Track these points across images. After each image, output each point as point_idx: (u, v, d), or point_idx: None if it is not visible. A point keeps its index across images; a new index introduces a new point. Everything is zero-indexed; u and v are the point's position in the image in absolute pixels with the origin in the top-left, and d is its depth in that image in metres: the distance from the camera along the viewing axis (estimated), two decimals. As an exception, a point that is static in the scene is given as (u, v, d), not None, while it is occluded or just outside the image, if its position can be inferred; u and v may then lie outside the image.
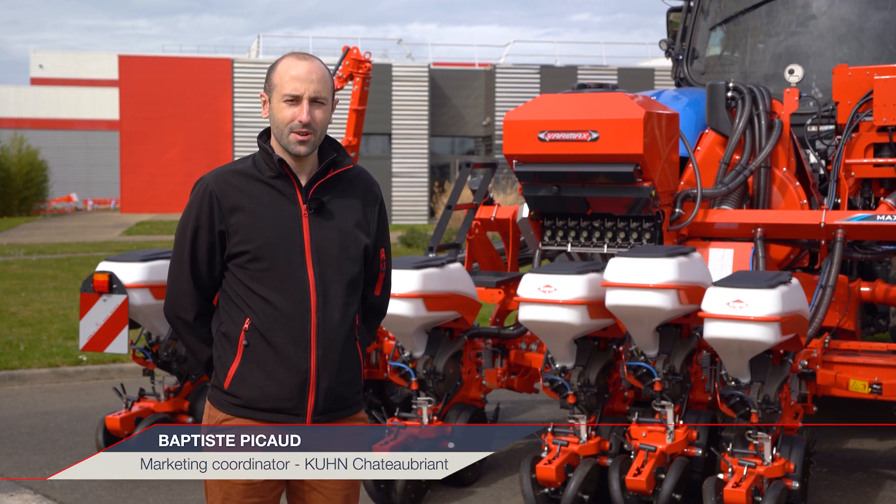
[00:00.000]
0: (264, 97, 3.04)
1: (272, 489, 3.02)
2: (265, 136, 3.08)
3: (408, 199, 36.90)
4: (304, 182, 3.04)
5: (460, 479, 6.00)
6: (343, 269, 3.03)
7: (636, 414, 5.43)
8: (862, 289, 6.85)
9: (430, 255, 6.50)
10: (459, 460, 6.01)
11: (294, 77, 2.96)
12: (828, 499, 5.84)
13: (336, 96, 3.13)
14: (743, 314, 4.84)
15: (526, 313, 5.37)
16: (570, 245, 6.20)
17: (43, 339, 10.58)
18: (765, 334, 4.85)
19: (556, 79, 35.87)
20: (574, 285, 5.27)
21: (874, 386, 5.62)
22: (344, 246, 3.04)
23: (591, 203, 6.03)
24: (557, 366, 5.53)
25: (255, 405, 2.97)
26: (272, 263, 2.96)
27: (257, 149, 3.09)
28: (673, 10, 8.91)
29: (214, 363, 3.06)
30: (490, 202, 7.39)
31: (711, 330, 4.95)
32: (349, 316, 3.04)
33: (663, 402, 5.31)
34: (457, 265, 5.98)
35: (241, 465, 2.96)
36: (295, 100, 2.97)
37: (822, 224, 6.08)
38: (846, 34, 7.97)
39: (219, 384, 3.02)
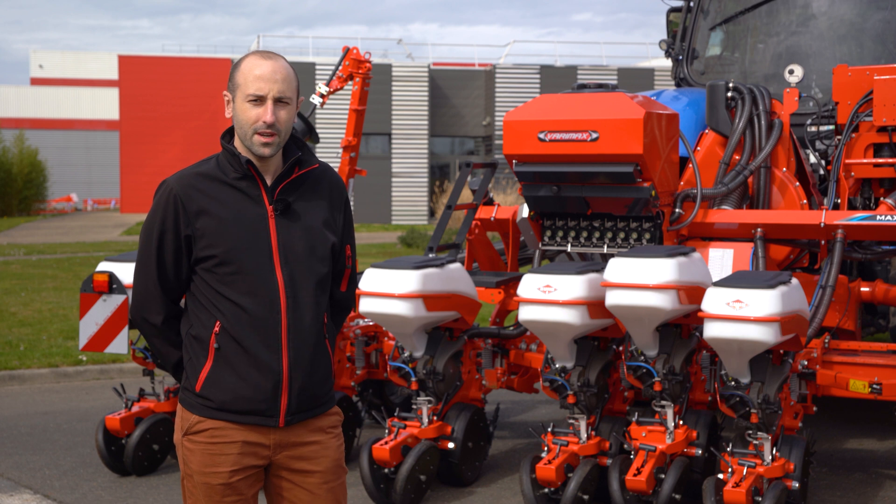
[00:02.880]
0: (228, 97, 3.00)
1: (250, 487, 3.01)
2: (228, 136, 3.05)
3: (408, 199, 36.91)
4: (269, 182, 3.01)
5: (460, 479, 6.00)
6: (311, 269, 3.01)
7: (636, 414, 5.43)
8: (862, 289, 6.86)
9: (430, 255, 6.50)
10: (460, 460, 6.06)
11: (258, 77, 2.92)
12: (828, 499, 5.84)
13: (301, 95, 3.08)
14: (743, 314, 4.84)
15: (526, 313, 5.37)
16: (570, 245, 6.20)
17: (43, 339, 10.58)
18: (765, 334, 4.85)
19: (556, 79, 35.89)
20: (574, 285, 5.27)
21: (874, 386, 5.62)
22: (311, 245, 3.02)
23: (591, 203, 6.03)
24: (557, 366, 5.53)
25: (228, 407, 2.95)
26: (240, 267, 2.93)
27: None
28: (673, 10, 8.91)
29: (185, 366, 3.03)
30: (490, 202, 7.39)
31: (711, 330, 4.95)
32: (319, 316, 3.03)
33: (663, 402, 5.31)
34: (457, 265, 5.98)
35: (221, 458, 2.96)
36: (259, 100, 2.93)
37: (822, 224, 6.08)
38: (846, 34, 7.97)
39: (190, 387, 3.00)
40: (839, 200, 6.80)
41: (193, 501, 3.02)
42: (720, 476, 5.10)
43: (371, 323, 6.73)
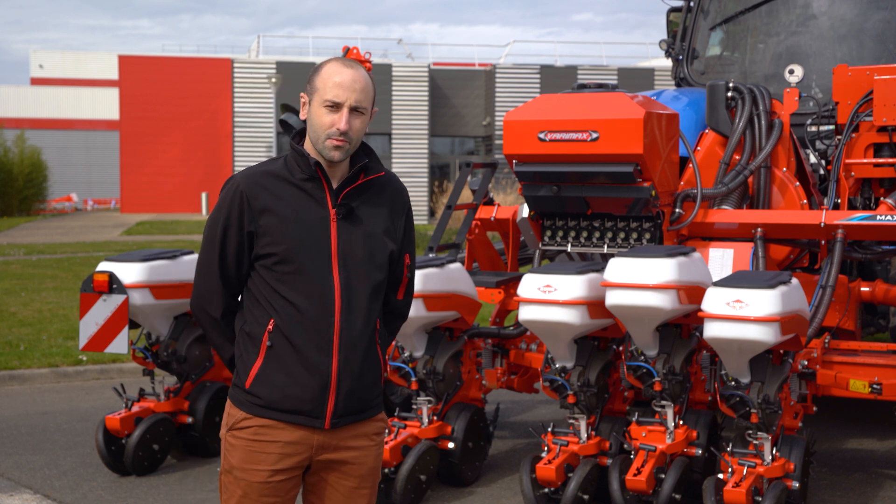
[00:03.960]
0: (304, 98, 3.04)
1: (289, 490, 3.04)
2: (298, 137, 3.09)
3: (408, 199, 36.87)
4: (335, 186, 3.04)
5: (460, 479, 6.00)
6: (368, 275, 3.04)
7: (636, 414, 5.43)
8: (862, 289, 6.86)
9: (430, 255, 6.50)
10: (460, 460, 6.06)
11: (337, 84, 2.97)
12: (828, 499, 5.84)
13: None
14: (743, 314, 4.84)
15: (526, 313, 5.37)
16: (570, 245, 6.20)
17: (43, 339, 10.58)
18: (765, 334, 4.85)
19: (556, 79, 35.92)
20: (574, 285, 5.27)
21: (874, 386, 5.62)
22: (370, 252, 3.05)
23: (591, 203, 6.03)
24: (557, 366, 5.53)
25: (276, 406, 2.98)
26: (299, 267, 2.97)
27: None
28: (673, 10, 8.92)
29: (236, 362, 3.07)
30: (490, 202, 7.39)
31: (711, 330, 4.95)
32: (371, 321, 3.06)
33: (663, 402, 5.32)
34: (457, 265, 5.98)
35: (262, 456, 2.98)
36: (336, 106, 2.97)
37: (822, 224, 6.08)
38: (846, 34, 7.97)
39: (240, 383, 3.03)
40: (839, 200, 6.80)
41: (228, 497, 3.04)
42: (720, 476, 5.10)
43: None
